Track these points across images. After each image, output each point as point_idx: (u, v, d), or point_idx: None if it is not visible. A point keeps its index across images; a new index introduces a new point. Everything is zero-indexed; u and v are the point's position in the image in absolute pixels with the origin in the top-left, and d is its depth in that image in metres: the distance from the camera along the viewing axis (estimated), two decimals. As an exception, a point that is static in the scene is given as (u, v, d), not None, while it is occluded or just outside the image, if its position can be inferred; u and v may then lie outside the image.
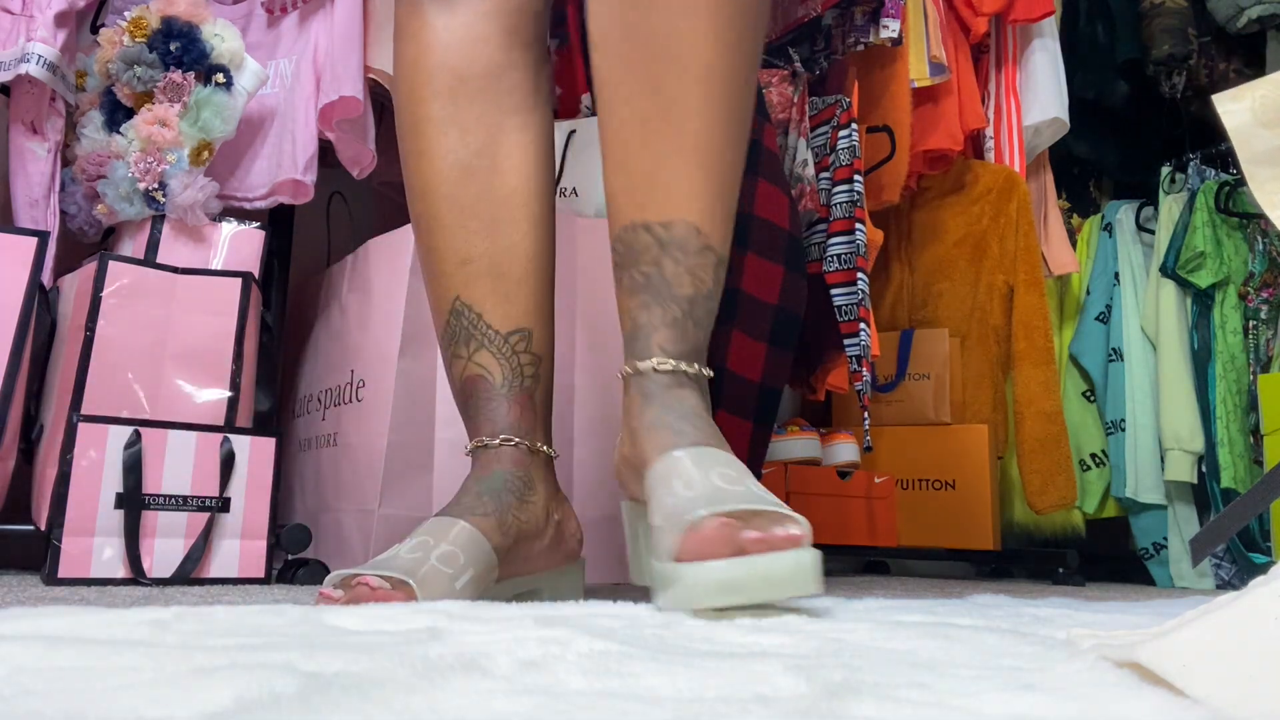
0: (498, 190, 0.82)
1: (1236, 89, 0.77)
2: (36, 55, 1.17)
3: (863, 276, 1.76)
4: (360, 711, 0.27)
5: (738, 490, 0.62)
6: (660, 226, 0.73)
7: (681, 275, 0.73)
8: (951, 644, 0.48)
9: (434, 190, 0.82)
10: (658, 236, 0.73)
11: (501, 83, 0.83)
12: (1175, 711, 0.30)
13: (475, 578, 0.70)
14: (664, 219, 0.73)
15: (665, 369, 0.72)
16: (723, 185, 0.75)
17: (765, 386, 1.55)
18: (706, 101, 0.73)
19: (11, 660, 0.34)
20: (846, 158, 1.78)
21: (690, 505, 0.60)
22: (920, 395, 2.11)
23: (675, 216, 0.73)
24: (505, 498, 0.76)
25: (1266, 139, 0.74)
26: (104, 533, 0.97)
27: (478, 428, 0.79)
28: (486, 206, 0.82)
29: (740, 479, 0.64)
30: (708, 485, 0.62)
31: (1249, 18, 2.35)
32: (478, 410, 0.79)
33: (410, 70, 0.84)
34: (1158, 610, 0.95)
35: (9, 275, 1.06)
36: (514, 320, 0.81)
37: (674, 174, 0.73)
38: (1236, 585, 2.04)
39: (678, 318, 0.73)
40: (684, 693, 0.32)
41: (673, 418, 0.70)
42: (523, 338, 0.81)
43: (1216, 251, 2.24)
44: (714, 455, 0.66)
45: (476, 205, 0.82)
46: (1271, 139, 0.74)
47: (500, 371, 0.79)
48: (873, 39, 1.87)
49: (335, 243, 1.62)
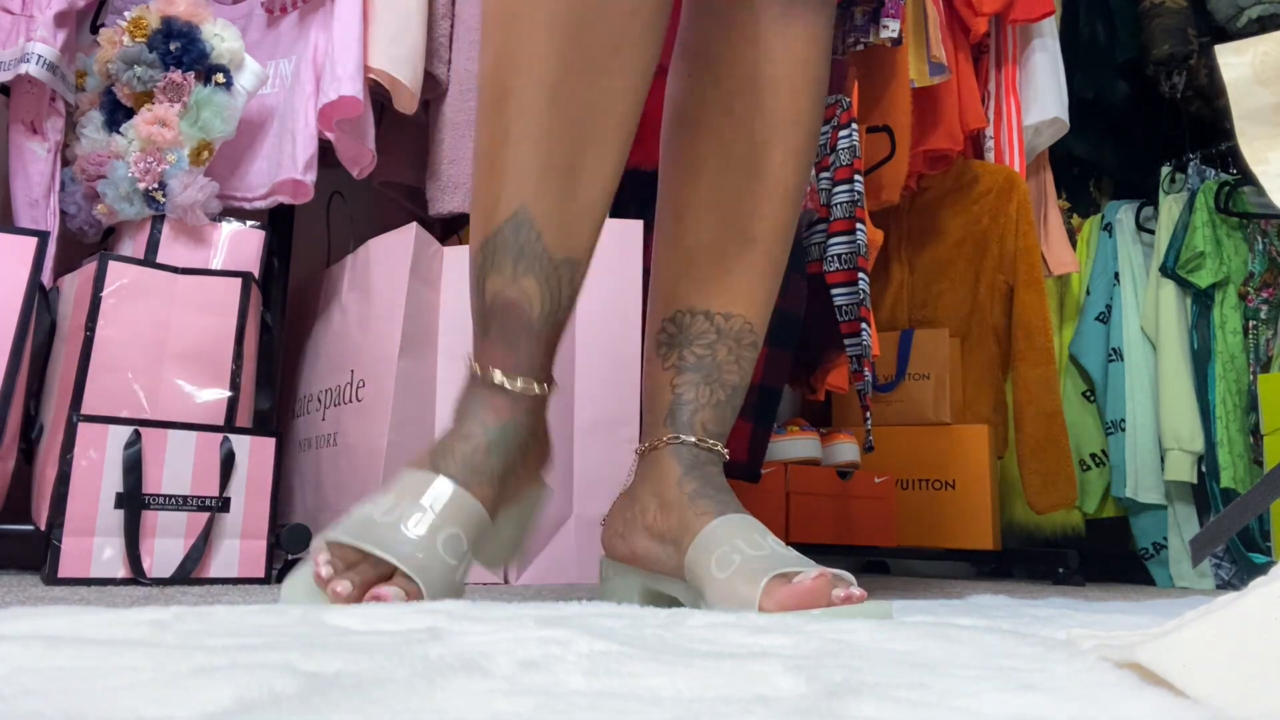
0: (605, 101, 0.72)
1: (1239, 42, 0.77)
2: (36, 55, 1.17)
3: (863, 276, 1.75)
4: (360, 711, 0.27)
5: (793, 555, 0.70)
6: (721, 317, 0.81)
7: (731, 365, 0.80)
8: (951, 644, 0.47)
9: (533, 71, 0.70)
10: (717, 325, 0.81)
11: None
12: (1175, 711, 0.30)
13: (472, 560, 0.69)
14: (725, 311, 0.81)
15: (706, 446, 0.78)
16: (776, 287, 0.83)
17: (765, 386, 1.55)
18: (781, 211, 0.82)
19: (11, 660, 0.34)
20: (847, 158, 1.78)
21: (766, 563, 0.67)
22: (920, 395, 2.11)
23: (736, 311, 0.81)
24: (513, 455, 0.72)
25: (1262, 96, 0.74)
26: (104, 533, 0.97)
27: (498, 356, 0.72)
28: (592, 116, 0.72)
29: (788, 549, 0.71)
30: (770, 549, 0.70)
31: (1249, 18, 2.35)
32: (503, 336, 0.72)
33: None
34: (1158, 610, 0.95)
35: (9, 275, 1.06)
36: (569, 248, 0.73)
37: (741, 272, 0.81)
38: (1236, 585, 2.05)
39: (721, 401, 0.80)
40: (684, 693, 0.32)
41: (713, 490, 0.76)
42: (571, 269, 0.73)
43: (1216, 251, 2.24)
44: (761, 526, 0.73)
45: (583, 112, 0.71)
46: (1268, 96, 0.74)
47: (541, 302, 0.72)
48: (873, 39, 1.86)
49: (335, 243, 1.62)
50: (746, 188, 0.81)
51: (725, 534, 0.71)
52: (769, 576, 0.66)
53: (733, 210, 0.81)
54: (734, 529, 0.71)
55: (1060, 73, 2.22)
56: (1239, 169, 2.29)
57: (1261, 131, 0.73)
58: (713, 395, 0.79)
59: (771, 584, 0.66)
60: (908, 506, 2.08)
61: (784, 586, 0.65)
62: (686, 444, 0.78)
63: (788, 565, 0.67)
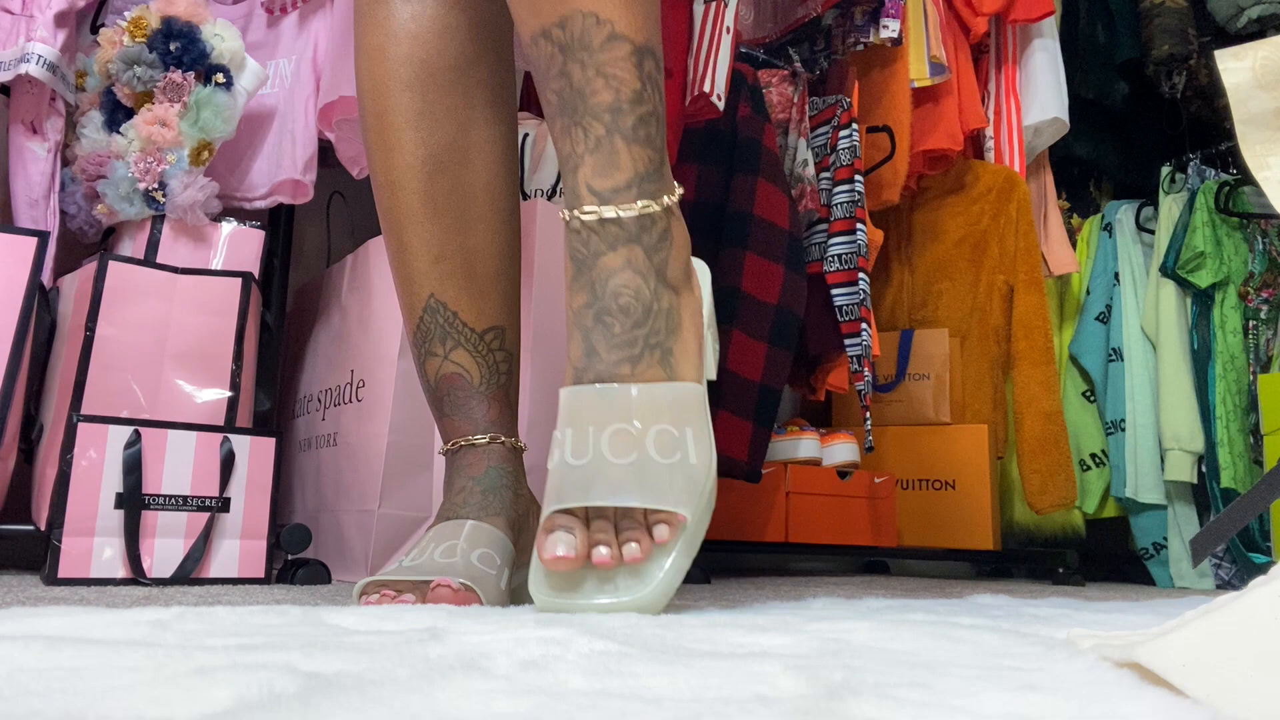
0: (469, 185, 0.80)
1: (1239, 47, 0.77)
2: (36, 55, 1.17)
3: (864, 276, 1.76)
4: (360, 711, 0.27)
5: (618, 468, 0.54)
6: (557, 28, 0.61)
7: (593, 80, 0.60)
8: (951, 644, 0.47)
9: (404, 185, 0.79)
10: (556, 40, 0.61)
11: (471, 75, 0.80)
12: (1175, 711, 0.30)
13: (511, 577, 0.70)
14: (558, 17, 0.61)
15: (592, 217, 0.60)
16: None
17: (765, 386, 1.55)
18: None
19: (11, 660, 0.34)
20: (847, 158, 1.78)
21: (565, 489, 0.57)
22: (920, 395, 2.11)
23: (568, 10, 0.60)
24: (505, 494, 0.75)
25: (1263, 100, 0.74)
26: (104, 533, 0.97)
27: (457, 427, 0.78)
28: (458, 202, 0.80)
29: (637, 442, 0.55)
30: (595, 456, 0.56)
31: (1249, 18, 2.35)
32: (455, 409, 0.78)
33: (375, 59, 0.79)
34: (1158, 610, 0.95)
35: (9, 275, 1.06)
36: (489, 318, 0.79)
37: None
38: (1236, 585, 2.05)
39: (601, 137, 0.59)
40: (684, 693, 0.32)
41: (591, 317, 0.59)
42: (497, 335, 0.80)
43: (1216, 251, 2.24)
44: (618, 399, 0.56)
45: (448, 201, 0.79)
46: (1268, 101, 0.74)
47: (478, 370, 0.78)
48: (873, 39, 1.87)
49: (335, 243, 1.62)
50: None
51: (562, 417, 0.60)
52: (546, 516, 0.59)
53: None
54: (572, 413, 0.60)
55: (1060, 73, 2.22)
56: (1239, 169, 2.29)
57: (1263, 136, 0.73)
58: (587, 136, 0.60)
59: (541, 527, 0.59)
60: (908, 506, 2.08)
61: (542, 534, 0.58)
62: (570, 228, 0.62)
63: (575, 496, 0.57)
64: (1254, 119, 0.74)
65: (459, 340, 0.78)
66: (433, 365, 0.78)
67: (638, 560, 0.55)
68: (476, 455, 0.77)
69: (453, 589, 0.62)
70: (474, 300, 0.79)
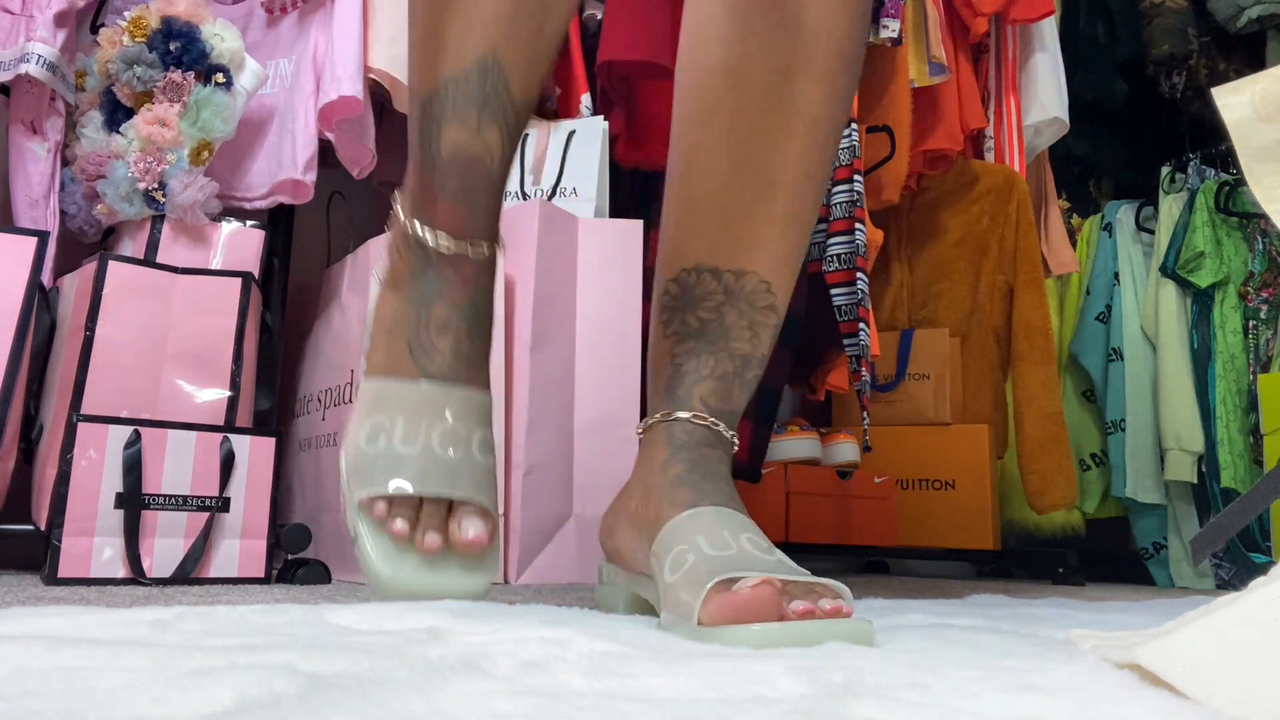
0: None
1: (1236, 82, 0.75)
2: (36, 55, 1.17)
3: (862, 276, 1.75)
4: (360, 711, 0.27)
5: (770, 559, 0.55)
6: (731, 275, 0.68)
7: (743, 330, 0.68)
8: (952, 644, 0.48)
9: None
10: (726, 285, 0.68)
11: None
12: (1175, 712, 0.30)
13: None
14: (736, 268, 0.68)
15: (702, 423, 0.66)
16: (801, 241, 0.70)
17: (765, 386, 1.55)
18: (807, 150, 0.69)
19: (11, 660, 0.34)
20: (846, 158, 1.78)
21: (721, 566, 0.54)
22: (920, 395, 2.11)
23: (748, 268, 0.68)
24: (485, 325, 0.69)
25: (1266, 133, 0.73)
26: (104, 533, 0.97)
27: (455, 217, 0.67)
28: None
29: (772, 549, 0.58)
30: (739, 549, 0.56)
31: (1249, 18, 2.35)
32: (462, 194, 0.67)
33: None
34: (1158, 610, 0.95)
35: (9, 275, 1.06)
36: (529, 93, 0.68)
37: (756, 222, 0.68)
38: (1236, 585, 2.04)
39: (728, 373, 0.67)
40: (684, 693, 0.32)
41: (698, 477, 0.63)
42: (527, 115, 0.69)
43: (1216, 251, 2.24)
44: (743, 520, 0.60)
45: None
46: (1270, 133, 0.73)
47: (500, 154, 0.67)
48: (872, 39, 1.86)
49: (335, 243, 1.62)
50: (762, 122, 0.67)
51: (690, 529, 0.58)
52: (712, 583, 0.52)
53: (747, 150, 0.68)
54: (702, 523, 0.59)
55: (1060, 73, 2.22)
56: (1239, 169, 2.29)
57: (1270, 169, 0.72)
58: (717, 365, 0.67)
59: (712, 591, 0.52)
60: (907, 506, 2.08)
61: (720, 595, 0.52)
62: (680, 421, 0.66)
63: (740, 570, 0.53)
64: (1258, 153, 0.73)
65: (497, 113, 0.66)
66: (455, 135, 0.66)
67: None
68: (467, 270, 0.68)
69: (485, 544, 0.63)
70: (528, 69, 0.67)
